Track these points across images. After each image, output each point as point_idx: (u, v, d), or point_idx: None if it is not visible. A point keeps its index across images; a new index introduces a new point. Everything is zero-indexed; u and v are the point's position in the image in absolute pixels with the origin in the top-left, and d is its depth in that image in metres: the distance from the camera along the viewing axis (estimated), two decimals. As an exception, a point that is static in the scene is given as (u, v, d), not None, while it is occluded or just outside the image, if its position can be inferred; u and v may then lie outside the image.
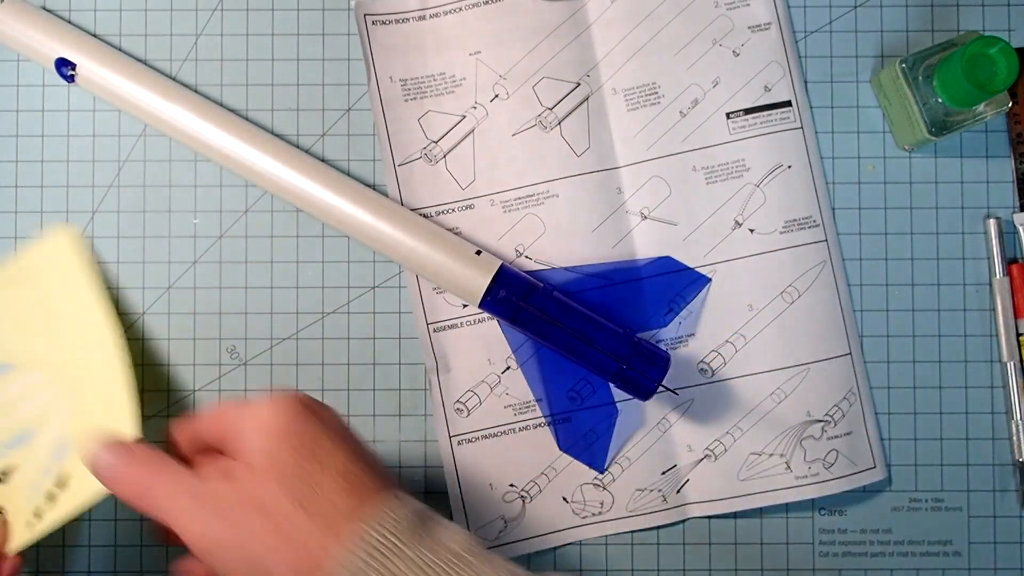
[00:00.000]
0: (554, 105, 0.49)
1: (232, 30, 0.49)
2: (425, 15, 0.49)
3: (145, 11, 0.49)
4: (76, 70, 0.47)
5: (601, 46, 0.49)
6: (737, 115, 0.49)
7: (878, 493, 0.49)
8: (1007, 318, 0.48)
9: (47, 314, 0.46)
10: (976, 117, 0.46)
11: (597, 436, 0.48)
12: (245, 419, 0.37)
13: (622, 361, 0.45)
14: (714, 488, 0.48)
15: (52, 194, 0.49)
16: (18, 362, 0.46)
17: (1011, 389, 0.48)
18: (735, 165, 0.49)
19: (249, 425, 0.37)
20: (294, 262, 0.49)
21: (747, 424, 0.48)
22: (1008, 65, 0.43)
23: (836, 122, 0.49)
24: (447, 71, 0.49)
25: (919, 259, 0.49)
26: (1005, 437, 0.49)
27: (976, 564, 0.48)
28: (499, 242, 0.48)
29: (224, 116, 0.47)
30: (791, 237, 0.49)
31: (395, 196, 0.49)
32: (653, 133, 0.49)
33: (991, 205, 0.49)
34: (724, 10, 0.49)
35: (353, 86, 0.49)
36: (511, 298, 0.45)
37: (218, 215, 0.49)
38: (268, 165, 0.47)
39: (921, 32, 0.49)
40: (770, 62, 0.49)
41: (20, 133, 0.49)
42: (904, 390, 0.49)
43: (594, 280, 0.48)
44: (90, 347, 0.45)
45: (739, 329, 0.48)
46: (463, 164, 0.49)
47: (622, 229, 0.49)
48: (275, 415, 0.37)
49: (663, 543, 0.49)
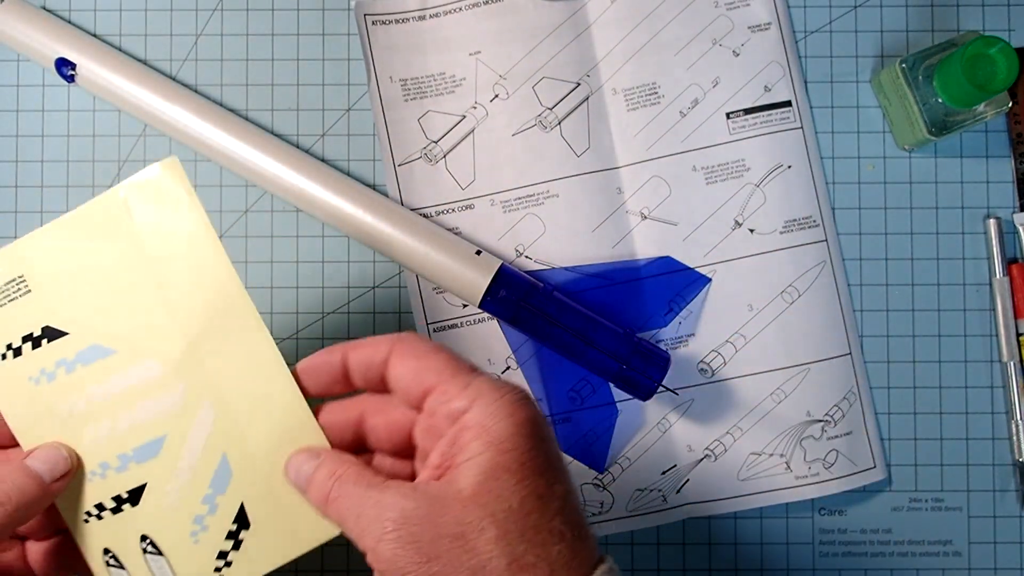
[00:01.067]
0: (554, 105, 0.49)
1: (232, 30, 0.49)
2: (425, 15, 0.49)
3: (145, 11, 0.49)
4: (76, 70, 0.47)
5: (601, 46, 0.49)
6: (737, 115, 0.49)
7: (878, 493, 0.49)
8: (1007, 318, 0.48)
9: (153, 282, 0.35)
10: (976, 117, 0.46)
11: (597, 436, 0.48)
12: (470, 413, 0.30)
13: (622, 361, 0.45)
14: (714, 488, 0.48)
15: (52, 194, 0.49)
16: (120, 346, 0.35)
17: (1011, 389, 0.48)
18: (735, 165, 0.49)
19: (472, 425, 0.30)
20: (294, 262, 0.49)
21: (747, 424, 0.48)
22: (1008, 65, 0.43)
23: (836, 122, 0.49)
24: (447, 71, 0.49)
25: (919, 259, 0.49)
26: (1005, 437, 0.49)
27: (976, 564, 0.48)
28: (499, 242, 0.48)
29: (224, 116, 0.47)
30: (791, 237, 0.49)
31: (395, 196, 0.49)
32: (653, 133, 0.49)
33: (991, 205, 0.49)
34: (724, 10, 0.49)
35: (353, 86, 0.49)
36: (511, 298, 0.45)
37: (218, 215, 0.49)
38: (268, 165, 0.47)
39: (921, 32, 0.49)
40: (770, 62, 0.49)
41: (20, 133, 0.49)
42: (904, 390, 0.49)
43: (594, 280, 0.48)
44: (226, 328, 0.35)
45: (739, 329, 0.48)
46: (463, 164, 0.49)
47: (622, 229, 0.49)
48: (508, 428, 0.30)
49: (663, 543, 0.49)
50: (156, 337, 0.35)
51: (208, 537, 0.35)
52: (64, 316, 0.35)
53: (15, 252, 0.35)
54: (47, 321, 0.35)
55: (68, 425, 0.35)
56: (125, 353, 0.35)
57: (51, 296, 0.35)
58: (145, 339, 0.35)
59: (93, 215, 0.35)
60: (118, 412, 0.35)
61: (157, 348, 0.35)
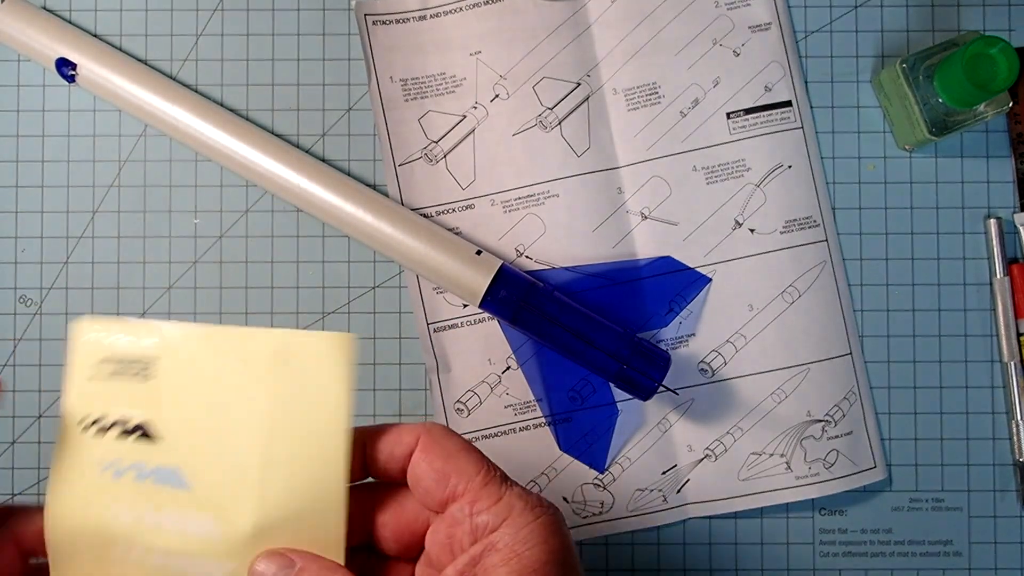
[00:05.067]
0: (554, 105, 0.49)
1: (232, 30, 0.49)
2: (425, 15, 0.49)
3: (145, 11, 0.49)
4: (76, 70, 0.47)
5: (601, 46, 0.49)
6: (737, 115, 0.49)
7: (878, 493, 0.49)
8: (1007, 318, 0.48)
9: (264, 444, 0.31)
10: (976, 117, 0.46)
11: (597, 436, 0.48)
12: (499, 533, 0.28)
13: (622, 361, 0.45)
14: (714, 488, 0.48)
15: (52, 194, 0.49)
16: (197, 486, 0.31)
17: (1011, 389, 0.48)
18: (735, 165, 0.49)
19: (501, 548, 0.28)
20: (294, 262, 0.49)
21: (747, 424, 0.48)
22: (1008, 65, 0.43)
23: (836, 122, 0.49)
24: (447, 71, 0.49)
25: (919, 259, 0.49)
26: (1005, 437, 0.49)
27: (976, 564, 0.48)
28: (499, 242, 0.48)
29: (224, 116, 0.47)
30: (791, 237, 0.49)
31: (395, 196, 0.49)
32: (653, 133, 0.49)
33: (991, 205, 0.49)
34: (724, 10, 0.49)
35: (353, 86, 0.49)
36: (511, 298, 0.45)
37: (218, 215, 0.49)
38: (268, 165, 0.47)
39: (921, 32, 0.49)
40: (770, 62, 0.49)
41: (20, 133, 0.49)
42: (904, 390, 0.49)
43: (594, 280, 0.48)
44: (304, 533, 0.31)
45: (739, 329, 0.48)
46: (463, 164, 0.49)
47: (622, 229, 0.49)
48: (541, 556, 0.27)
49: (663, 543, 0.49)
50: (233, 502, 0.31)
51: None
52: (166, 424, 0.31)
53: (165, 333, 0.32)
54: (148, 418, 0.31)
55: (103, 527, 0.31)
56: (197, 496, 0.31)
57: (167, 396, 0.31)
58: (223, 495, 0.31)
59: (241, 342, 0.32)
60: (155, 548, 0.31)
61: (227, 514, 0.31)
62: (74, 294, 0.49)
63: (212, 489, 0.31)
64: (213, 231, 0.49)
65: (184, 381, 0.31)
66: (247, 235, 0.49)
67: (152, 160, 0.49)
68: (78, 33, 0.48)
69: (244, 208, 0.49)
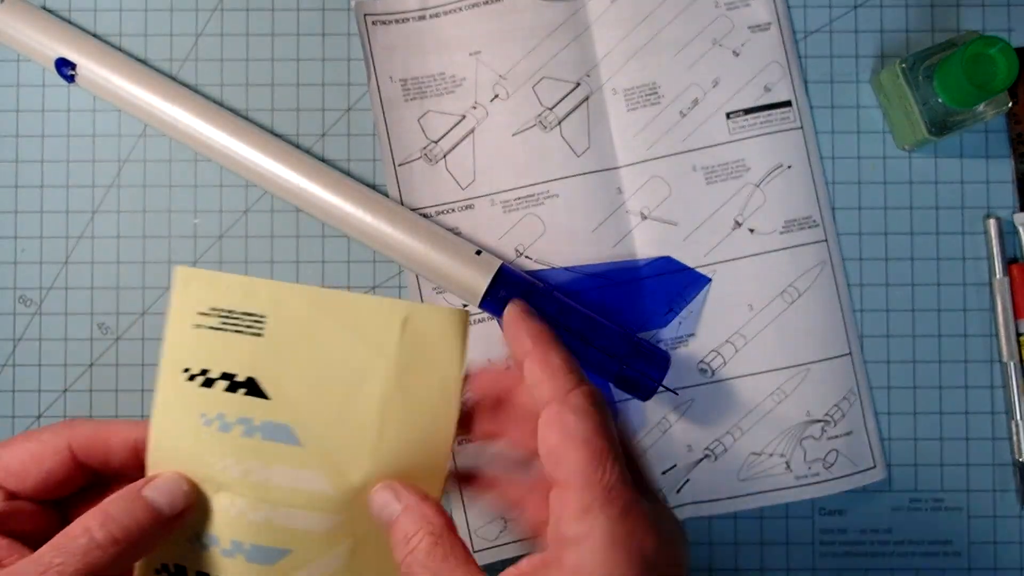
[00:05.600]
0: (554, 105, 0.49)
1: (232, 30, 0.49)
2: (425, 15, 0.49)
3: (145, 11, 0.49)
4: (76, 70, 0.47)
5: (601, 46, 0.49)
6: (737, 115, 0.49)
7: (878, 493, 0.49)
8: (1007, 318, 0.48)
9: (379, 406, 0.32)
10: (976, 117, 0.46)
11: (597, 436, 0.48)
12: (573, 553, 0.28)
13: (622, 361, 0.45)
14: (714, 488, 0.48)
15: (52, 194, 0.49)
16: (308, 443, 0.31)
17: (1011, 389, 0.48)
18: (735, 165, 0.49)
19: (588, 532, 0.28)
20: (294, 262, 0.49)
21: (747, 424, 0.48)
22: (1008, 65, 0.43)
23: (836, 122, 0.49)
24: (447, 71, 0.49)
25: (919, 259, 0.49)
26: (1005, 437, 0.49)
27: (976, 564, 0.48)
28: (499, 242, 0.48)
29: (224, 116, 0.47)
30: (791, 237, 0.49)
31: (395, 196, 0.49)
32: (653, 133, 0.49)
33: (991, 205, 0.49)
34: (724, 10, 0.49)
35: (353, 86, 0.49)
36: (511, 298, 0.45)
37: (218, 215, 0.49)
38: (268, 165, 0.47)
39: (921, 32, 0.49)
40: (770, 62, 0.49)
41: (20, 133, 0.49)
42: (904, 390, 0.49)
43: (594, 280, 0.48)
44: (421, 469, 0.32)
45: (739, 329, 0.48)
46: (463, 164, 0.49)
47: (622, 229, 0.49)
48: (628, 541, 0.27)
49: (663, 543, 0.49)
50: (347, 458, 0.31)
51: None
52: (276, 381, 0.31)
53: (274, 291, 0.32)
54: (258, 374, 0.31)
55: (208, 479, 0.31)
56: (309, 453, 0.31)
57: (277, 353, 0.31)
58: (336, 452, 0.31)
59: (364, 309, 0.32)
60: (262, 501, 0.31)
61: (340, 469, 0.31)
62: (74, 294, 0.49)
63: (326, 446, 0.31)
64: (213, 231, 0.49)
65: (295, 340, 0.31)
66: (247, 235, 0.49)
67: (152, 160, 0.49)
68: (78, 33, 0.48)
69: (244, 208, 0.49)
